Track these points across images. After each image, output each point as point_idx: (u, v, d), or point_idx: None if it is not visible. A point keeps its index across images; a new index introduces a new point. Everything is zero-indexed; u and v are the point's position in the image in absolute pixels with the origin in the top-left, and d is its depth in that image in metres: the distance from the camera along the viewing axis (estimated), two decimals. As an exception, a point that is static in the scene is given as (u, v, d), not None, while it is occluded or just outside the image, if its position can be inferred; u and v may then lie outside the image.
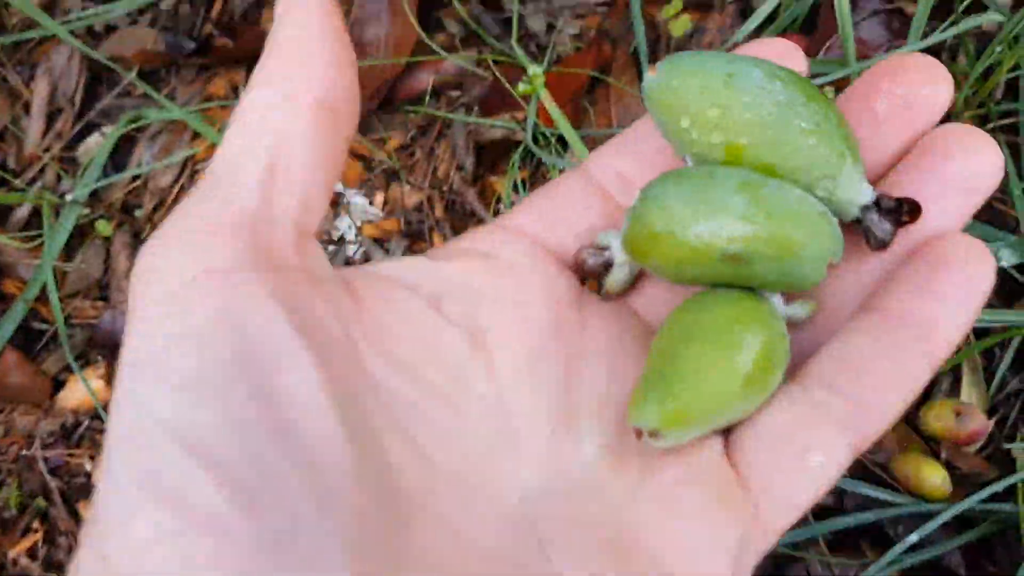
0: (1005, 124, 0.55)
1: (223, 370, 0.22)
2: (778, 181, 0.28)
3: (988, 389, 0.52)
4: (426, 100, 0.62)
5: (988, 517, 0.48)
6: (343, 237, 0.61)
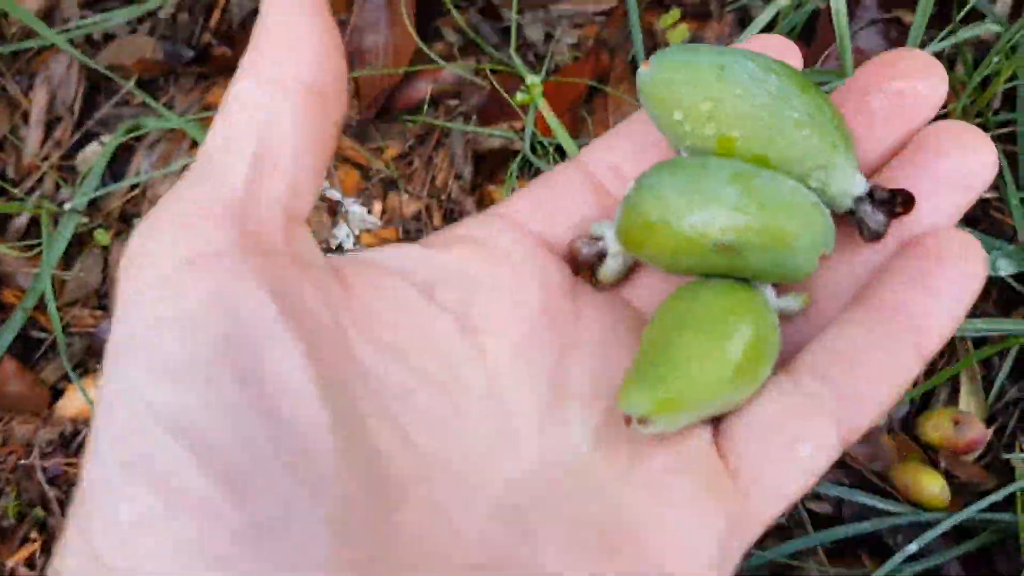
0: (1003, 133, 0.55)
1: (213, 354, 0.22)
2: (771, 172, 0.28)
3: (986, 398, 0.52)
4: (424, 109, 0.62)
5: (987, 527, 0.48)
6: (341, 246, 0.61)
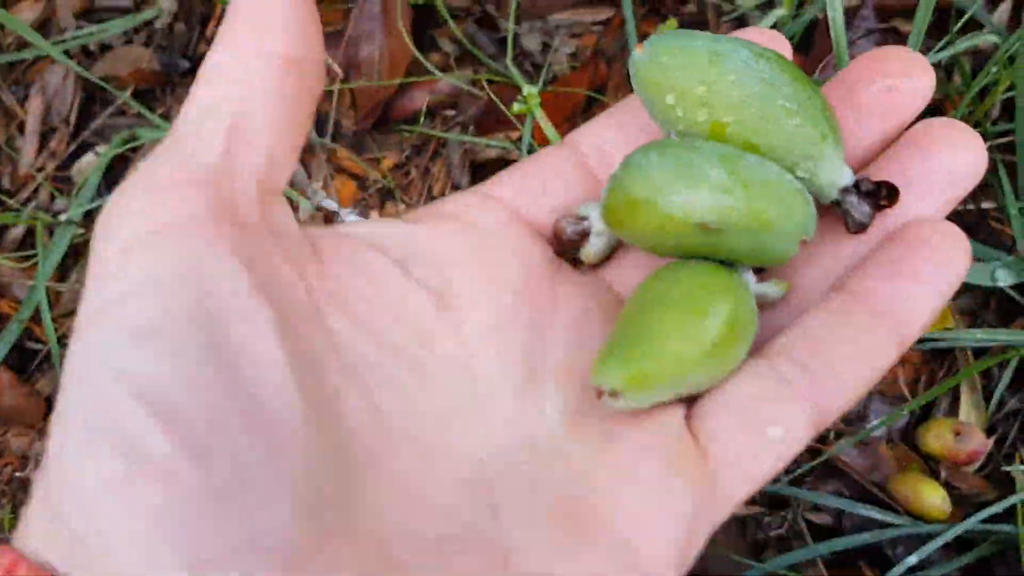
0: (1001, 144, 0.55)
1: (179, 322, 0.22)
2: (758, 157, 0.28)
3: (987, 408, 0.52)
4: (421, 119, 0.62)
5: (988, 538, 0.48)
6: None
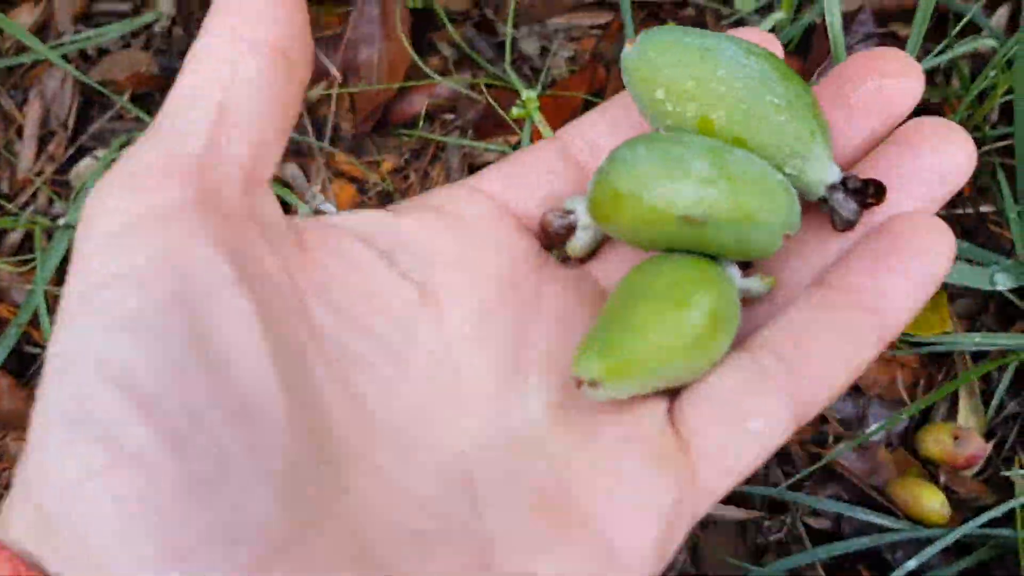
0: (1000, 147, 0.55)
1: (160, 312, 0.22)
2: (744, 151, 0.28)
3: (986, 413, 0.52)
4: (420, 123, 0.62)
5: (987, 542, 0.48)
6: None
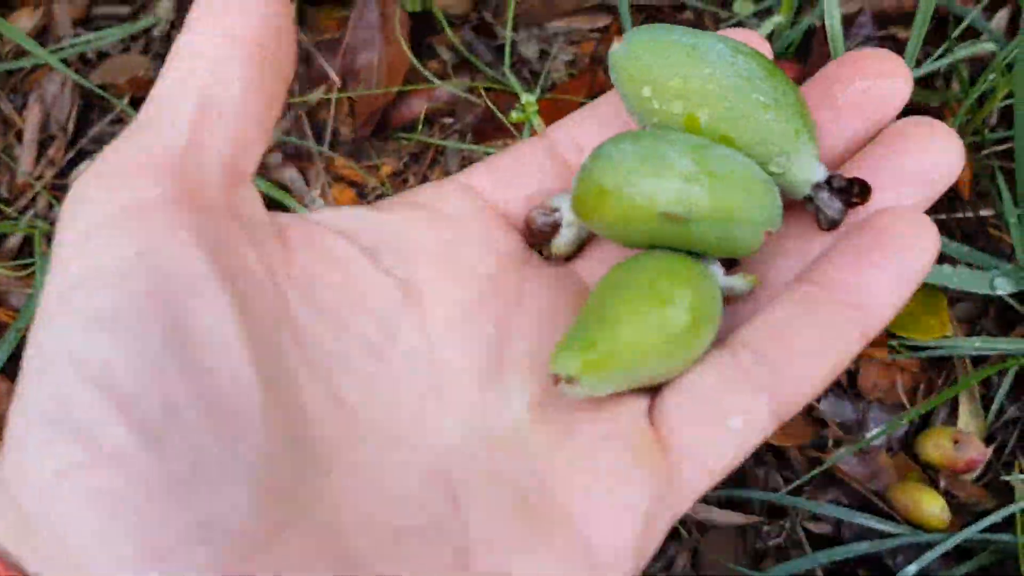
0: (1000, 151, 0.55)
1: (138, 308, 0.21)
2: (728, 148, 0.28)
3: (986, 417, 0.52)
4: (419, 127, 0.62)
5: (987, 547, 0.48)
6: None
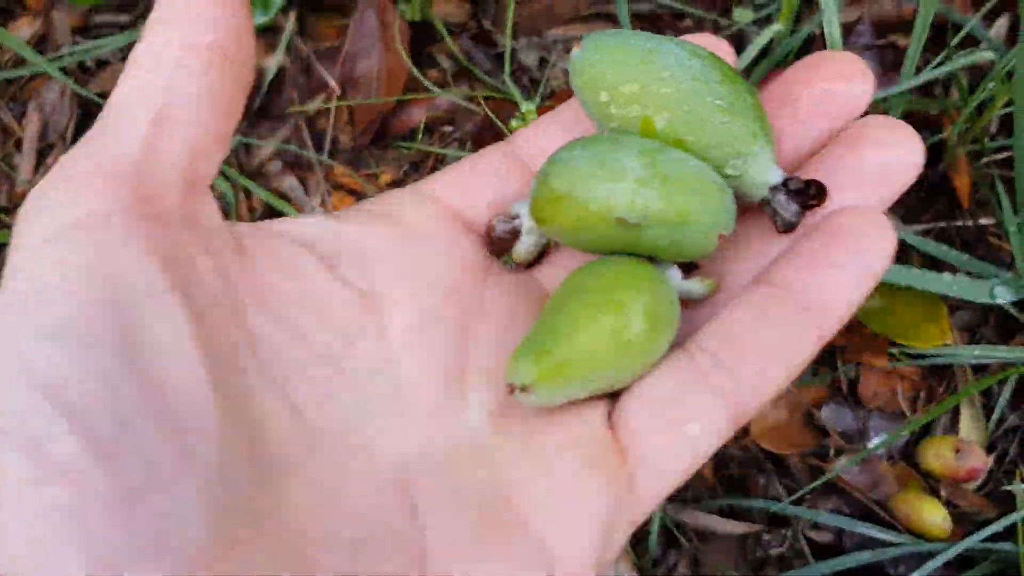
0: (999, 159, 0.55)
1: (90, 320, 0.21)
2: (680, 151, 0.28)
3: (987, 426, 0.52)
4: (419, 135, 0.62)
5: (988, 556, 0.47)
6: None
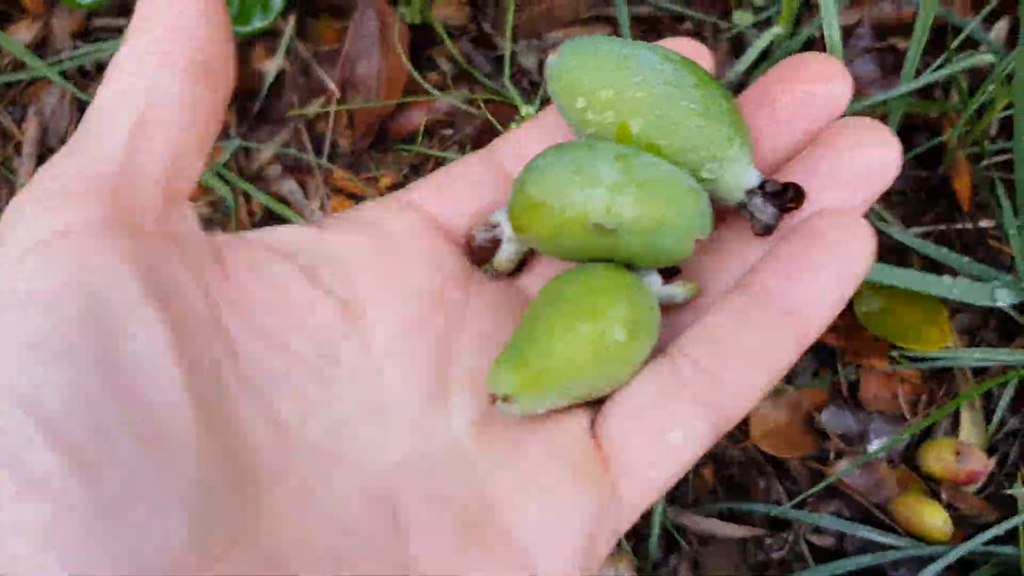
0: (999, 162, 0.55)
1: (69, 333, 0.21)
2: (654, 156, 0.28)
3: (987, 428, 0.52)
4: (419, 138, 0.62)
5: (989, 560, 0.47)
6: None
